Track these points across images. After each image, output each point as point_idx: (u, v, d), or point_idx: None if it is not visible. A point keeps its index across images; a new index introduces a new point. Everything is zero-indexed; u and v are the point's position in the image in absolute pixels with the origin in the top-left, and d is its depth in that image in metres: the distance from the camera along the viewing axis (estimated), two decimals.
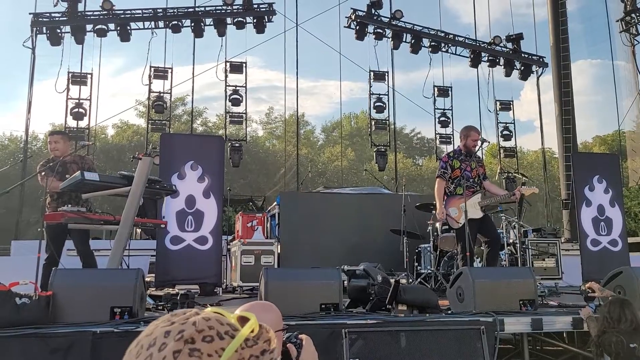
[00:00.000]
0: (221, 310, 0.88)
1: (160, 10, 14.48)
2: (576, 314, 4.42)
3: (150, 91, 14.36)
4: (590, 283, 4.64)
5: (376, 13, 15.50)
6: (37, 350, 3.20)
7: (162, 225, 5.96)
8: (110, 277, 4.13)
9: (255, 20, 14.78)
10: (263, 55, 47.79)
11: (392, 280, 4.45)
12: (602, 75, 37.64)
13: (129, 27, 14.14)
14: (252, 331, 0.85)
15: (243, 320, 0.87)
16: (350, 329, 3.54)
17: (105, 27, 13.95)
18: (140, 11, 14.43)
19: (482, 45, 16.57)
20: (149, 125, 14.81)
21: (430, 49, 16.06)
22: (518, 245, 7.40)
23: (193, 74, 15.30)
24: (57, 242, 5.53)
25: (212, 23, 14.66)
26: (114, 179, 4.84)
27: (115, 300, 3.76)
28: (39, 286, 3.96)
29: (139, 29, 14.45)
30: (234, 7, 14.66)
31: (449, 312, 4.52)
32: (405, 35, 15.81)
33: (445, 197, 6.23)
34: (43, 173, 5.46)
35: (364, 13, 15.44)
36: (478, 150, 6.40)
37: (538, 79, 17.38)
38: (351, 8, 15.49)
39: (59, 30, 13.70)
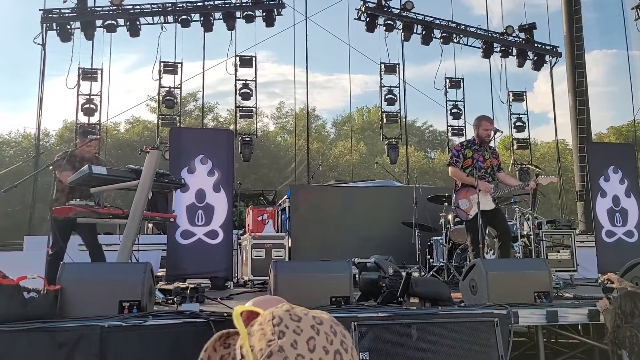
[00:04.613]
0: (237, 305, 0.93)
1: (170, 4, 14.46)
2: (592, 305, 4.32)
3: (160, 86, 14.38)
4: (609, 274, 4.53)
5: (386, 4, 15.35)
6: (44, 344, 3.17)
7: (171, 219, 5.92)
8: (119, 271, 4.10)
9: (264, 14, 14.72)
10: (276, 49, 47.61)
11: (404, 273, 4.37)
12: (617, 65, 37.11)
13: (138, 22, 14.14)
14: None
15: (252, 314, 0.88)
16: (359, 322, 3.47)
17: (115, 23, 13.98)
18: (149, 6, 14.42)
19: (494, 35, 16.36)
20: (160, 121, 14.84)
21: (441, 40, 15.90)
22: (532, 237, 7.30)
23: (203, 68, 15.30)
24: (64, 236, 5.52)
25: (221, 17, 14.62)
26: (122, 173, 4.80)
27: (123, 294, 3.72)
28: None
29: (149, 24, 14.45)
30: (243, 0, 14.60)
31: (462, 304, 4.44)
32: (416, 26, 15.66)
33: (456, 189, 6.15)
34: (58, 164, 5.44)
35: (374, 5, 15.30)
36: (491, 140, 6.31)
37: (551, 69, 17.15)
38: (361, 0, 15.36)
39: (68, 27, 13.76)
